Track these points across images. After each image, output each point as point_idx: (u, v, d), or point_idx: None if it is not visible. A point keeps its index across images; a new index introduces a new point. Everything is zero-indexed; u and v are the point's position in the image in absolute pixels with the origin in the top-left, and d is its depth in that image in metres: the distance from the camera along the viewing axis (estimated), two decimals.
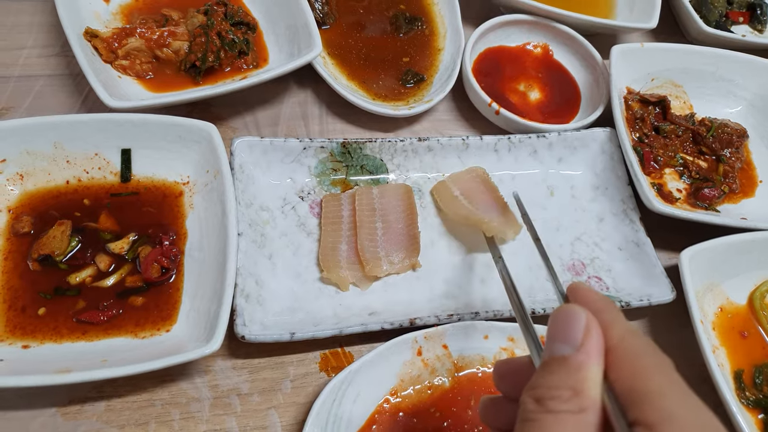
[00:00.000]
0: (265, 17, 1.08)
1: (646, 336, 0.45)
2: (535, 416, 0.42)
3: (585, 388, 0.41)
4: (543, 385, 0.43)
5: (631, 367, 0.41)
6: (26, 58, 1.01)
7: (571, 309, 0.45)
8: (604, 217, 1.00)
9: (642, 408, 0.39)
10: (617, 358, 0.42)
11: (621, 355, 0.42)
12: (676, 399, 0.39)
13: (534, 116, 1.08)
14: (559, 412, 0.41)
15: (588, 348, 0.43)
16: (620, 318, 0.45)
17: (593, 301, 0.46)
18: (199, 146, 0.87)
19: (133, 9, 1.06)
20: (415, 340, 0.82)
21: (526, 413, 0.42)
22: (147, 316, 0.80)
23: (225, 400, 0.79)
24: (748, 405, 0.86)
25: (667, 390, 0.39)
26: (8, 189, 0.84)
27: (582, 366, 0.42)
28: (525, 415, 0.42)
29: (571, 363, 0.42)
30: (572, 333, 0.43)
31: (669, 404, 0.38)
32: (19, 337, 0.76)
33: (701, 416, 0.39)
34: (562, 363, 0.43)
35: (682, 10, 1.21)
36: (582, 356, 0.42)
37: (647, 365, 0.41)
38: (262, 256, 0.85)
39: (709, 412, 0.40)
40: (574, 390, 0.41)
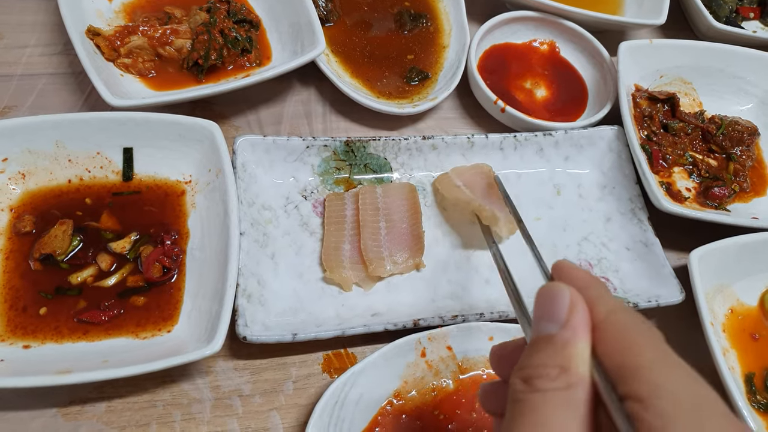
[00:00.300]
0: (269, 15, 1.07)
1: (634, 310, 0.44)
2: (523, 396, 0.41)
3: (572, 364, 0.41)
4: (530, 364, 0.42)
5: (620, 341, 0.41)
6: (29, 56, 1.01)
7: (554, 286, 0.44)
8: (612, 216, 0.98)
9: (632, 382, 0.38)
10: (605, 333, 0.42)
11: (608, 330, 0.42)
12: (666, 371, 0.38)
13: (540, 114, 1.07)
14: (547, 390, 0.40)
15: (574, 324, 0.42)
16: (607, 293, 0.45)
17: (578, 278, 0.46)
18: (201, 145, 0.87)
19: (135, 7, 1.06)
20: (419, 341, 0.80)
21: (515, 394, 0.42)
22: (148, 316, 0.79)
23: (226, 402, 0.78)
24: (759, 409, 0.85)
25: (656, 363, 0.39)
26: (10, 188, 0.84)
27: (568, 343, 0.42)
28: (514, 395, 0.42)
29: (558, 340, 0.42)
30: (557, 310, 0.43)
31: (659, 377, 0.38)
32: (20, 337, 0.75)
33: (693, 387, 0.38)
34: (548, 341, 0.43)
35: (691, 5, 1.19)
36: (568, 333, 0.42)
37: (636, 339, 0.41)
38: (264, 256, 0.84)
39: (701, 382, 0.39)
40: (561, 367, 0.41)
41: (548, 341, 0.43)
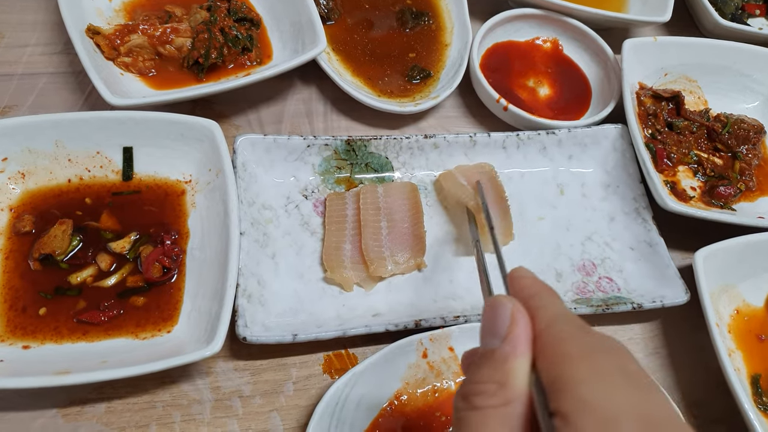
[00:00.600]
0: (269, 13, 1.07)
1: (578, 319, 0.42)
2: (463, 414, 0.40)
3: (510, 380, 0.40)
4: (471, 380, 0.41)
5: (555, 353, 0.39)
6: (29, 55, 1.00)
7: (497, 300, 0.43)
8: (616, 216, 0.98)
9: (560, 397, 0.37)
10: (543, 345, 0.41)
11: (546, 342, 0.40)
12: (594, 385, 0.36)
13: (543, 113, 1.06)
14: (484, 407, 0.39)
15: (513, 338, 0.41)
16: (552, 302, 0.43)
17: (525, 287, 0.45)
18: (201, 144, 0.86)
19: (135, 5, 1.05)
20: (421, 342, 0.80)
21: (456, 412, 0.41)
22: (148, 316, 0.79)
23: (227, 402, 0.78)
24: (765, 411, 0.84)
25: (587, 376, 0.37)
26: (10, 187, 0.83)
27: (507, 358, 0.40)
28: (455, 414, 0.41)
29: (497, 356, 0.41)
30: (498, 324, 0.42)
31: (586, 392, 0.36)
32: (20, 337, 0.75)
33: (622, 401, 0.36)
34: (489, 357, 0.42)
35: (696, 2, 1.18)
36: (507, 348, 0.41)
37: (570, 351, 0.39)
38: (264, 256, 0.83)
39: (640, 394, 0.37)
40: (499, 383, 0.40)
41: (489, 357, 0.42)
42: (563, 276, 0.91)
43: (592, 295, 0.89)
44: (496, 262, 0.62)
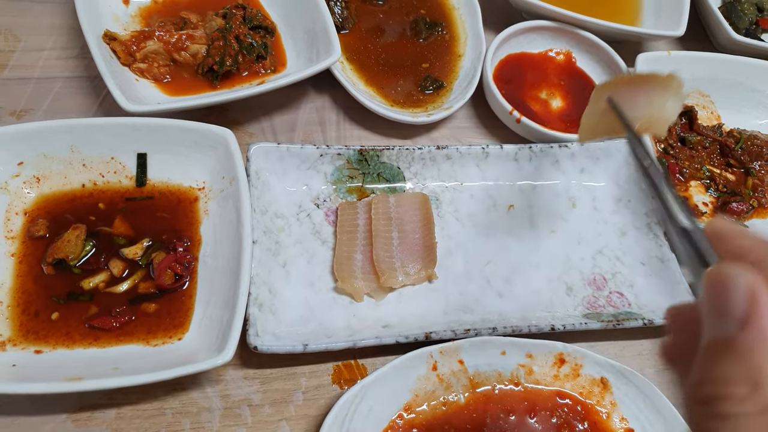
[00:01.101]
0: (284, 21, 1.07)
1: None
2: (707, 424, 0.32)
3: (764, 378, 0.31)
4: (709, 379, 0.33)
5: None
6: (46, 59, 1.01)
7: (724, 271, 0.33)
8: (627, 230, 0.97)
9: None
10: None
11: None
12: None
13: (556, 125, 1.06)
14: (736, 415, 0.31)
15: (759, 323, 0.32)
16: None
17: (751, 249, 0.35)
18: (215, 152, 0.86)
19: (152, 11, 1.06)
20: (431, 354, 0.80)
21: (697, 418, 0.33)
22: (159, 323, 0.79)
23: (236, 411, 0.78)
24: None
25: None
26: (25, 192, 0.84)
27: (754, 349, 0.32)
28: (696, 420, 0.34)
29: (739, 347, 0.32)
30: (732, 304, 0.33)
31: None
32: (32, 341, 0.75)
33: None
34: (727, 347, 0.33)
35: (710, 17, 1.18)
36: (752, 335, 0.32)
37: None
38: (276, 264, 0.84)
39: None
40: (751, 383, 0.31)
41: (727, 347, 0.32)
42: (573, 290, 0.91)
43: (603, 310, 0.89)
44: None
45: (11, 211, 0.83)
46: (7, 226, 0.81)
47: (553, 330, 0.83)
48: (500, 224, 0.95)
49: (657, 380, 0.87)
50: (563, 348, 0.83)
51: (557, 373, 0.83)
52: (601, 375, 0.83)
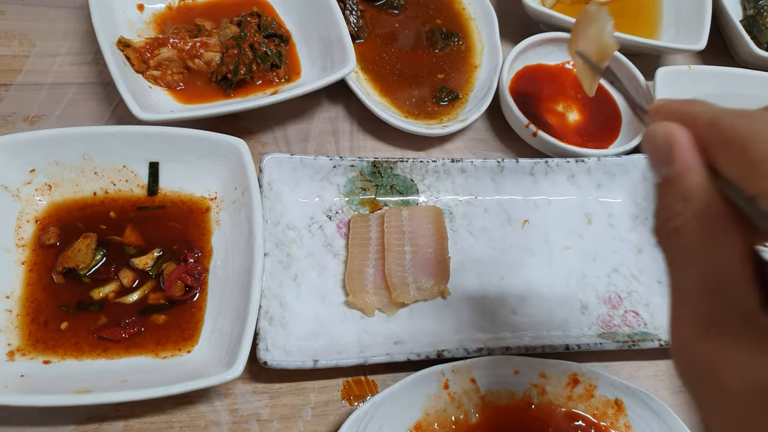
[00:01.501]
0: (299, 29, 1.06)
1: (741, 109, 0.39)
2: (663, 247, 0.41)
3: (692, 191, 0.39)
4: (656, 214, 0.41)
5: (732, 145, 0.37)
6: (60, 65, 1.01)
7: (651, 129, 0.42)
8: (643, 248, 0.96)
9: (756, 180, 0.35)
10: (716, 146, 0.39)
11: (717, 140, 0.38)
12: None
13: (572, 139, 1.04)
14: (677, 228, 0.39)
15: (679, 155, 0.40)
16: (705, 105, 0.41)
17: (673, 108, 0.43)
18: (227, 162, 0.86)
19: (166, 18, 1.05)
20: (442, 372, 0.78)
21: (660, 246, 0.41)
22: (168, 335, 0.78)
23: (244, 426, 0.77)
24: None
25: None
26: (36, 199, 0.83)
27: (681, 175, 0.39)
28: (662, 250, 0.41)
29: (672, 179, 0.40)
30: (661, 150, 0.41)
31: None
32: (41, 351, 0.75)
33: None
34: (666, 183, 0.41)
35: (732, 31, 1.16)
36: (677, 166, 0.40)
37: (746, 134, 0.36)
38: (287, 277, 0.83)
39: None
40: (683, 200, 0.39)
41: (665, 184, 0.41)
42: (588, 308, 0.89)
43: (618, 329, 0.87)
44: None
45: (22, 218, 0.82)
46: (18, 234, 0.81)
47: (567, 349, 0.81)
48: (514, 239, 0.94)
49: (672, 402, 0.85)
50: (577, 368, 0.81)
51: (571, 393, 0.82)
52: (616, 396, 0.82)
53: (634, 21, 1.20)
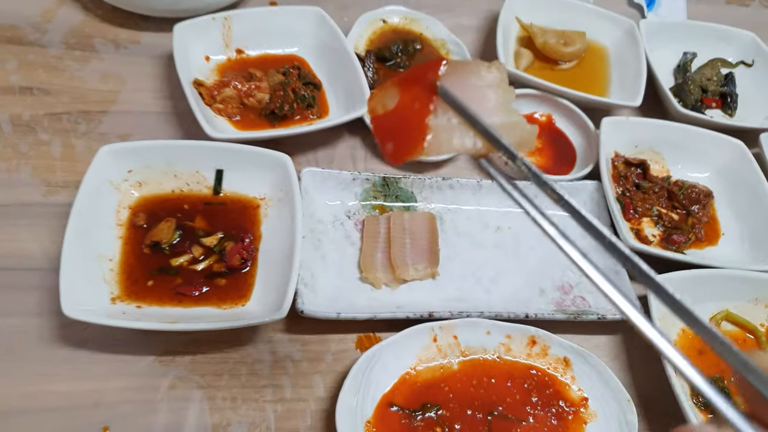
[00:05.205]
0: (328, 80, 1.37)
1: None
2: None
3: None
4: None
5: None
6: (144, 99, 1.30)
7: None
8: (590, 250, 1.23)
9: None
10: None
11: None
12: None
13: None
14: None
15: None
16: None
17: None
18: (274, 171, 1.14)
19: (226, 67, 1.36)
20: (432, 328, 1.04)
21: None
22: (228, 293, 1.04)
23: (281, 364, 1.02)
24: (699, 407, 1.06)
25: None
26: (131, 192, 1.11)
27: None
28: None
29: None
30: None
31: None
32: (134, 300, 1.00)
33: None
34: None
35: (663, 94, 1.48)
36: None
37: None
38: (317, 256, 1.10)
39: None
40: None
41: None
42: (545, 292, 1.16)
43: (567, 308, 1.14)
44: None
45: (121, 205, 1.09)
46: (117, 216, 1.08)
47: (527, 317, 1.07)
48: (489, 240, 1.22)
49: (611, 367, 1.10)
50: (535, 332, 1.07)
51: (530, 351, 1.07)
52: (564, 355, 1.07)
53: (588, 83, 1.52)
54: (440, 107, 0.59)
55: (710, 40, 1.68)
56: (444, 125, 0.58)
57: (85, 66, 1.33)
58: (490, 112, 0.60)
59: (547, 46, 1.53)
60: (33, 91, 1.26)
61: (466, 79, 0.60)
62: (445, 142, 0.58)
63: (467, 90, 0.59)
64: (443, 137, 0.58)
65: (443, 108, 0.59)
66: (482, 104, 0.60)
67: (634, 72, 1.49)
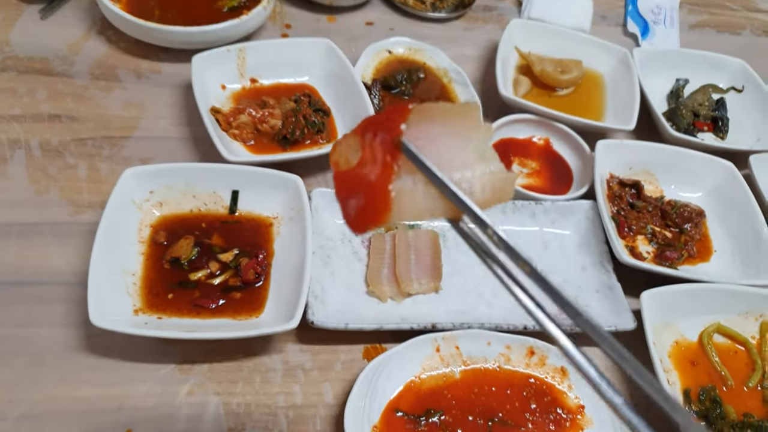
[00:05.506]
0: (337, 107, 1.45)
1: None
2: None
3: None
4: None
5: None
6: (163, 125, 1.39)
7: None
8: (586, 267, 1.29)
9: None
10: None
11: None
12: None
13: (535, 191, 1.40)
14: None
15: None
16: None
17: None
18: (287, 192, 1.21)
19: (240, 95, 1.45)
20: (435, 339, 1.10)
21: None
22: (243, 305, 1.11)
23: (293, 372, 1.08)
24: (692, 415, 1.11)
25: None
26: (153, 212, 1.18)
27: None
28: None
29: None
30: None
31: None
32: (155, 312, 1.07)
33: None
34: None
35: (656, 118, 1.55)
36: None
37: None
38: (326, 271, 1.16)
39: None
40: None
41: None
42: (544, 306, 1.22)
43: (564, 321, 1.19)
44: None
45: (143, 224, 1.17)
46: (140, 234, 1.15)
47: (525, 329, 1.13)
48: None
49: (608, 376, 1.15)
50: (534, 342, 1.13)
51: (528, 361, 1.12)
52: (561, 365, 1.12)
53: (585, 109, 1.59)
54: (405, 167, 0.52)
55: (702, 67, 1.76)
56: (409, 189, 0.51)
57: (109, 95, 1.42)
58: (462, 165, 0.53)
59: (544, 74, 1.61)
60: (61, 118, 1.35)
61: (435, 127, 0.53)
62: (409, 210, 0.52)
63: (436, 140, 0.53)
64: (408, 204, 0.51)
65: (409, 168, 0.52)
66: (453, 156, 0.53)
67: (628, 98, 1.56)
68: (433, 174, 0.51)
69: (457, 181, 0.52)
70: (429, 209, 0.53)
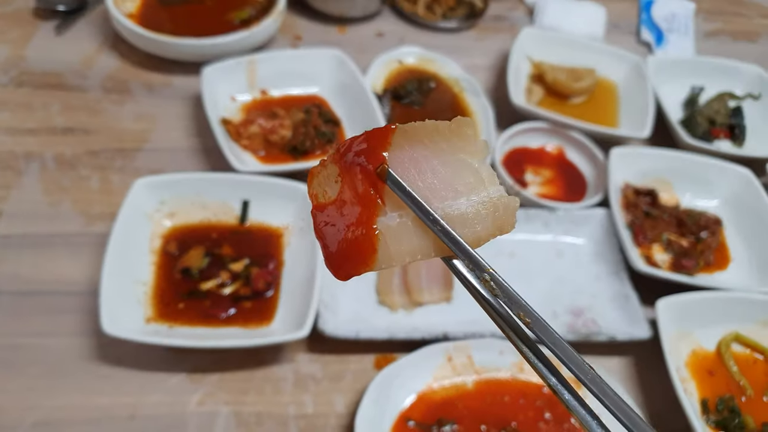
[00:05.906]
0: (347, 117, 1.46)
1: None
2: None
3: None
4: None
5: None
6: (174, 137, 1.40)
7: None
8: (601, 276, 1.27)
9: None
10: None
11: None
12: None
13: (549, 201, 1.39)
14: None
15: None
16: None
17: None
18: (296, 202, 1.21)
19: (250, 107, 1.46)
20: (447, 349, 1.08)
21: None
22: (253, 315, 1.10)
23: (303, 382, 1.07)
24: (710, 424, 1.08)
25: None
26: (164, 222, 1.19)
27: None
28: None
29: None
30: None
31: None
32: (166, 321, 1.07)
33: None
34: None
35: (671, 126, 1.53)
36: None
37: None
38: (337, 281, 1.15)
39: None
40: None
41: None
42: (558, 315, 1.20)
43: (579, 330, 1.18)
44: None
45: (154, 234, 1.17)
46: (151, 245, 1.16)
47: None
48: (504, 265, 1.26)
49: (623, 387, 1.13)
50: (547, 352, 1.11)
51: None
52: None
53: (598, 117, 1.57)
54: (391, 201, 0.45)
55: (717, 74, 1.73)
56: (395, 228, 0.45)
57: (121, 107, 1.44)
58: (456, 193, 0.46)
59: (557, 83, 1.60)
60: (75, 131, 1.37)
61: (422, 150, 0.46)
62: (398, 252, 0.45)
63: (423, 166, 0.46)
64: (395, 245, 0.45)
65: (395, 202, 0.45)
66: (445, 183, 0.46)
67: (642, 105, 1.55)
68: (421, 209, 0.44)
69: (449, 215, 0.45)
70: (420, 249, 0.46)
